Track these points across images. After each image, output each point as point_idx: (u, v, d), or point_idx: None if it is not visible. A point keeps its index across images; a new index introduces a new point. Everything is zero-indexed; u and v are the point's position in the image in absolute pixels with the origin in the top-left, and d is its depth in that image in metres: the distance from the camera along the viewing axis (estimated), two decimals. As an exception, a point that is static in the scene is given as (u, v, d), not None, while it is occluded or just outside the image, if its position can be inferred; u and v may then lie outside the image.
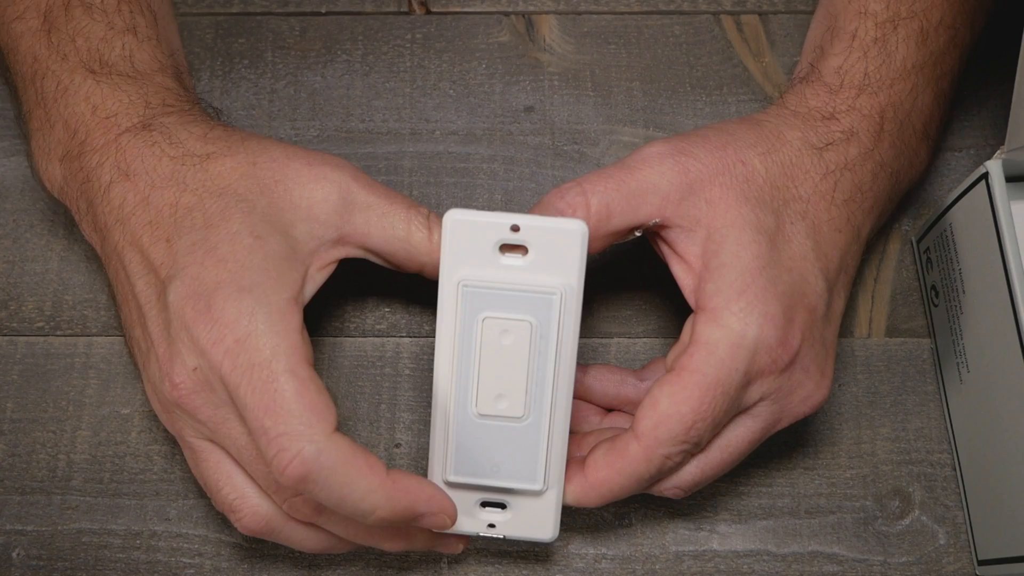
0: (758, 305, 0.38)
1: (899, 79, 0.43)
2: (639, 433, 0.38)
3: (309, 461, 0.35)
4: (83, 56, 0.42)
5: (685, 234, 0.39)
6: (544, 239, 0.37)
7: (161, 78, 0.43)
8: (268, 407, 0.35)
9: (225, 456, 0.39)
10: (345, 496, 0.36)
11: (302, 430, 0.35)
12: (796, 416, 0.40)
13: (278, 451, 0.35)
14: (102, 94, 0.41)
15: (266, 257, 0.37)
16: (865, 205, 0.42)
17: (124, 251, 0.39)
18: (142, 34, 0.43)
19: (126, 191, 0.39)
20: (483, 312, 0.38)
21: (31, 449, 0.46)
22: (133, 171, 0.40)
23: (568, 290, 0.38)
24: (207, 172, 0.39)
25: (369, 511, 0.36)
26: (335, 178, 0.40)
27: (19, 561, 0.44)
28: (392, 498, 0.36)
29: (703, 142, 0.40)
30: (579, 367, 0.44)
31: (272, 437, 0.35)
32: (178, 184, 0.39)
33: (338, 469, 0.35)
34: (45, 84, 0.42)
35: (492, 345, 0.38)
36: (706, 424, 0.38)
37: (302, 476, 0.35)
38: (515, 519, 0.40)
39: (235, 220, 0.38)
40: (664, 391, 0.38)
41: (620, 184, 0.39)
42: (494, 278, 0.38)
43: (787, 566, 0.44)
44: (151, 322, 0.38)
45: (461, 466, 0.39)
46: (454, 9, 0.53)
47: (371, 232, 0.40)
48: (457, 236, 0.38)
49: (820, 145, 0.41)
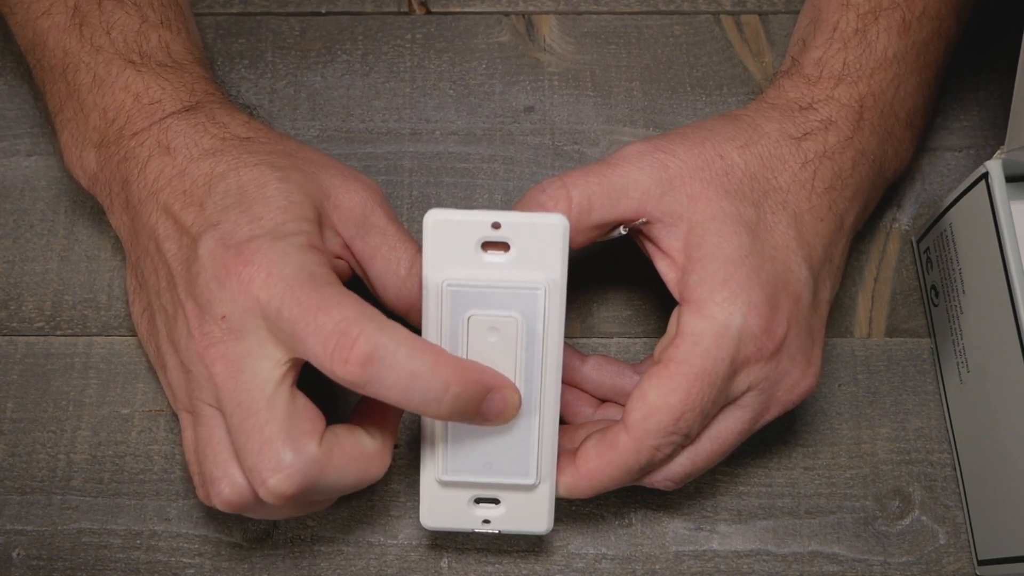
0: (741, 294, 0.38)
1: (880, 68, 0.43)
2: (628, 425, 0.39)
3: (374, 338, 0.34)
4: (120, 48, 0.43)
5: (667, 229, 0.40)
6: (525, 235, 0.38)
7: (198, 69, 0.44)
8: (319, 306, 0.35)
9: (223, 425, 0.38)
10: (416, 372, 0.34)
11: (359, 313, 0.34)
12: (785, 405, 0.40)
13: (340, 337, 0.34)
14: (144, 83, 0.42)
15: (299, 220, 0.38)
16: (847, 193, 0.42)
17: (156, 222, 0.40)
18: (175, 27, 0.44)
19: (163, 165, 0.40)
20: (468, 310, 0.38)
21: (31, 449, 0.46)
22: (174, 147, 0.40)
23: (552, 284, 0.38)
24: (247, 150, 0.40)
25: (443, 388, 0.35)
26: (365, 195, 0.41)
27: (19, 561, 0.44)
28: (463, 371, 0.35)
29: (682, 139, 0.41)
30: (578, 356, 0.44)
31: (329, 330, 0.34)
32: (216, 156, 0.40)
33: (405, 344, 0.34)
34: (78, 76, 0.43)
35: (479, 342, 0.38)
36: (695, 415, 0.38)
37: (368, 355, 0.34)
38: (509, 513, 0.40)
39: (270, 186, 0.39)
40: (652, 383, 0.38)
41: (601, 179, 0.40)
42: (478, 276, 0.38)
43: (787, 566, 0.44)
44: (179, 281, 0.38)
45: (454, 465, 0.39)
46: (454, 9, 0.53)
47: (376, 257, 0.41)
48: (438, 236, 0.38)
49: (798, 135, 0.42)
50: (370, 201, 0.41)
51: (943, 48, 0.46)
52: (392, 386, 0.35)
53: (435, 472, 0.40)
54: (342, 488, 0.38)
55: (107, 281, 0.48)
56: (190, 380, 0.38)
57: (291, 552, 0.44)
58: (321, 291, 0.35)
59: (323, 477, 0.37)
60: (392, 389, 0.35)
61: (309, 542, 0.44)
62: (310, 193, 0.39)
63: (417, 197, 0.49)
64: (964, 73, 0.52)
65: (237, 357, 0.36)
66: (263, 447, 0.36)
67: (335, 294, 0.35)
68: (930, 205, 0.50)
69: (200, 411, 0.38)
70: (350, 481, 0.38)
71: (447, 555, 0.44)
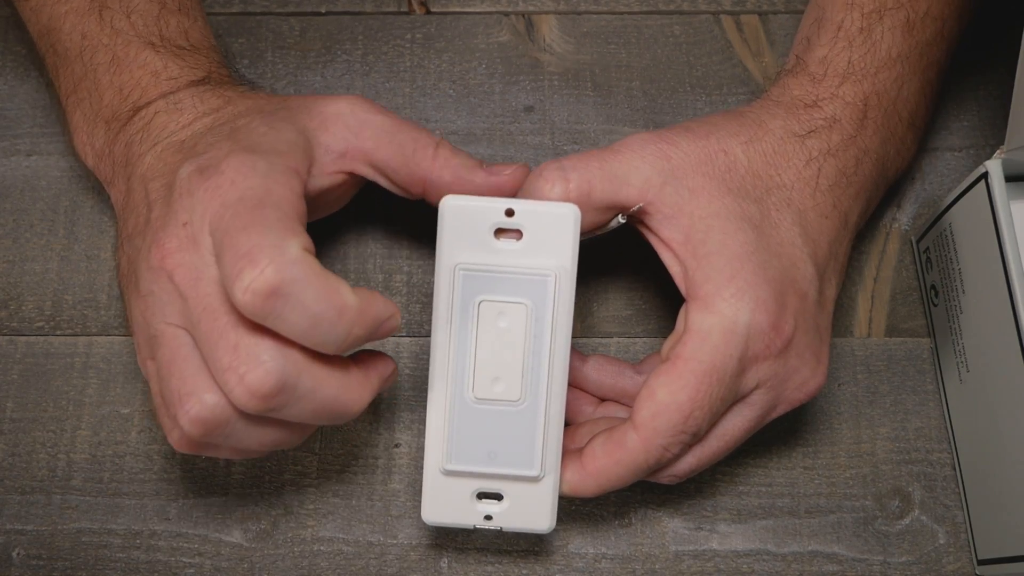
0: (749, 291, 0.38)
1: (884, 68, 0.43)
2: (637, 424, 0.38)
3: (284, 271, 0.32)
4: (140, 31, 0.44)
5: (667, 220, 0.40)
6: (538, 222, 0.38)
7: (214, 54, 0.45)
8: (247, 226, 0.33)
9: (189, 343, 0.36)
10: (320, 316, 0.33)
11: (276, 242, 0.33)
12: (792, 403, 0.40)
13: (248, 263, 0.32)
14: (163, 62, 0.43)
15: (278, 139, 0.38)
16: (851, 191, 0.42)
17: (147, 169, 0.40)
18: (192, 14, 0.46)
19: (169, 120, 0.41)
20: (479, 295, 0.39)
21: (31, 449, 0.46)
22: (183, 107, 0.42)
23: (562, 272, 0.38)
24: (246, 107, 0.41)
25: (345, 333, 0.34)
26: (353, 101, 0.41)
27: (19, 561, 0.44)
28: (363, 313, 0.34)
29: (685, 132, 0.41)
30: (578, 356, 0.44)
31: (243, 252, 0.33)
32: (217, 112, 0.41)
33: (313, 285, 0.33)
34: (96, 56, 0.43)
35: (488, 328, 0.39)
36: (703, 413, 0.38)
37: (273, 288, 0.32)
38: (512, 509, 0.40)
39: (256, 121, 0.39)
40: (660, 381, 0.38)
41: (602, 163, 0.40)
42: (490, 261, 0.39)
43: (787, 566, 0.44)
44: (155, 202, 0.38)
45: (458, 454, 0.39)
46: (454, 9, 0.53)
47: (379, 147, 0.41)
48: (454, 221, 0.38)
49: (802, 133, 0.42)
50: (360, 104, 0.41)
51: (945, 48, 0.46)
52: (293, 325, 0.33)
53: (439, 461, 0.40)
54: (319, 401, 0.36)
55: (107, 281, 0.48)
56: (151, 304, 0.37)
57: (291, 552, 0.44)
58: (262, 212, 0.34)
59: (301, 381, 0.35)
60: (293, 328, 0.33)
61: (309, 542, 0.44)
62: (298, 123, 0.39)
63: (417, 197, 0.49)
64: (964, 73, 0.52)
65: (195, 265, 0.36)
66: (239, 343, 0.34)
67: (271, 218, 0.34)
68: (930, 205, 0.50)
69: (162, 333, 0.36)
70: (328, 394, 0.36)
71: (447, 555, 0.44)
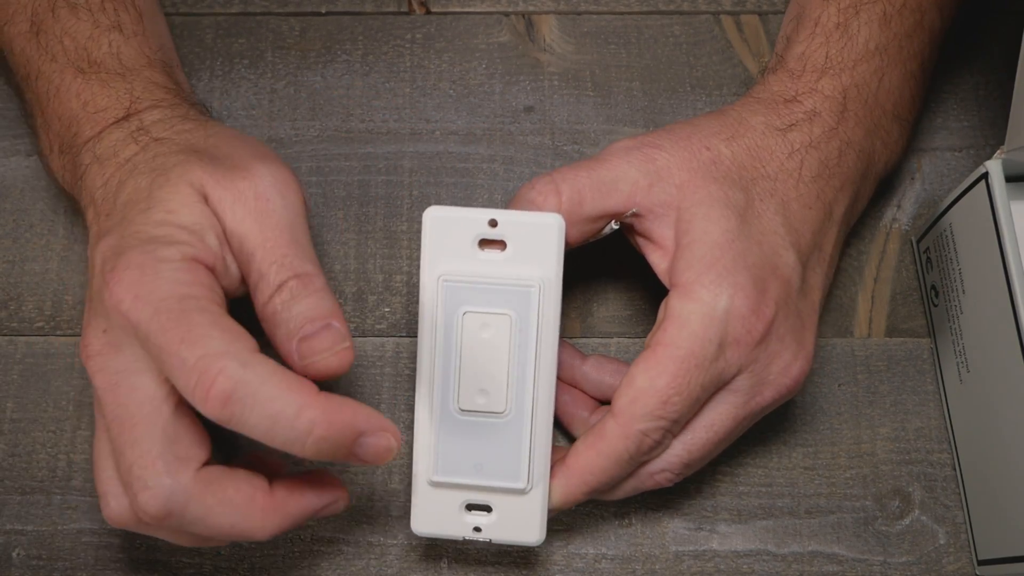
0: (728, 276, 0.38)
1: (862, 60, 0.44)
2: (616, 411, 0.39)
3: (235, 376, 0.32)
4: (71, 56, 0.42)
5: (658, 220, 0.40)
6: (522, 233, 0.38)
7: (149, 73, 0.43)
8: (183, 338, 0.33)
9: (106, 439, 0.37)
10: (278, 414, 0.33)
11: (224, 349, 0.33)
12: (779, 388, 0.40)
13: (200, 375, 0.32)
14: (91, 91, 0.42)
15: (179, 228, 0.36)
16: (834, 183, 0.42)
17: (90, 225, 0.40)
18: (128, 30, 0.44)
19: (95, 175, 0.40)
20: (463, 307, 0.38)
21: (31, 449, 0.46)
22: (103, 158, 0.40)
23: (546, 283, 0.38)
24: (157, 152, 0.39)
25: (306, 430, 0.33)
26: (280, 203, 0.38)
27: (19, 561, 0.44)
28: (330, 412, 0.34)
29: (668, 135, 0.41)
30: (578, 356, 0.44)
31: (191, 365, 0.33)
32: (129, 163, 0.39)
33: (268, 383, 0.33)
34: (39, 85, 0.43)
35: (472, 339, 0.38)
36: (682, 398, 0.38)
37: (228, 394, 0.32)
38: (500, 521, 0.40)
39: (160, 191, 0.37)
40: (639, 368, 0.39)
41: (590, 173, 0.40)
42: (473, 272, 0.38)
43: (787, 566, 0.44)
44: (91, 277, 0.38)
45: (445, 465, 0.39)
46: (454, 9, 0.53)
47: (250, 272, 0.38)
48: (437, 231, 0.38)
49: (783, 127, 0.42)
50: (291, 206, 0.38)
51: (927, 39, 0.46)
52: (255, 426, 0.33)
53: (426, 473, 0.40)
54: (215, 529, 0.36)
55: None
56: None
57: (291, 552, 0.44)
58: (188, 319, 0.34)
59: (188, 510, 0.35)
60: (255, 429, 0.33)
61: (309, 542, 0.44)
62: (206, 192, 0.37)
63: (417, 197, 0.49)
64: (964, 73, 0.52)
65: (115, 371, 0.36)
66: (134, 463, 0.35)
67: (202, 323, 0.34)
68: (930, 205, 0.50)
69: (97, 424, 0.38)
70: (223, 524, 0.36)
71: (447, 555, 0.44)
